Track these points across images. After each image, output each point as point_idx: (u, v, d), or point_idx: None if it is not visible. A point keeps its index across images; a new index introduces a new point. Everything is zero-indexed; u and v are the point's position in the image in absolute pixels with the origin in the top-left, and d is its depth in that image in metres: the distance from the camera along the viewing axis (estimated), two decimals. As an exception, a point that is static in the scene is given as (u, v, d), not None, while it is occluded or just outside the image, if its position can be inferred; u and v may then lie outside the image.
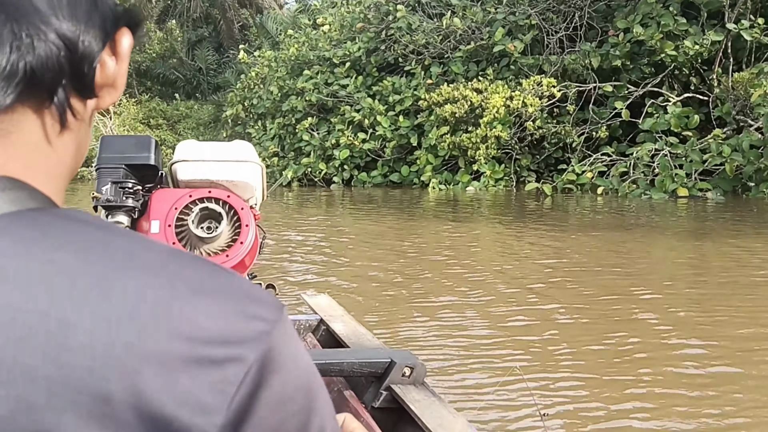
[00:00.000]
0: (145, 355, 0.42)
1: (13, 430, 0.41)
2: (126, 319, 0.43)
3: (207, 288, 0.46)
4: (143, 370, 0.42)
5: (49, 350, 0.41)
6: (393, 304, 5.43)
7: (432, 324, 4.84)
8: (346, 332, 2.90)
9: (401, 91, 15.36)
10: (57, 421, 0.41)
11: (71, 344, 0.42)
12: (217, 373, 0.44)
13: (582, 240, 8.11)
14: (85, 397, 0.41)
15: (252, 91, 18.07)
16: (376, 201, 12.98)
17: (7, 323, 0.42)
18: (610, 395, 3.48)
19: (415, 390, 2.22)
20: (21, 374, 0.41)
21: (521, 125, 13.45)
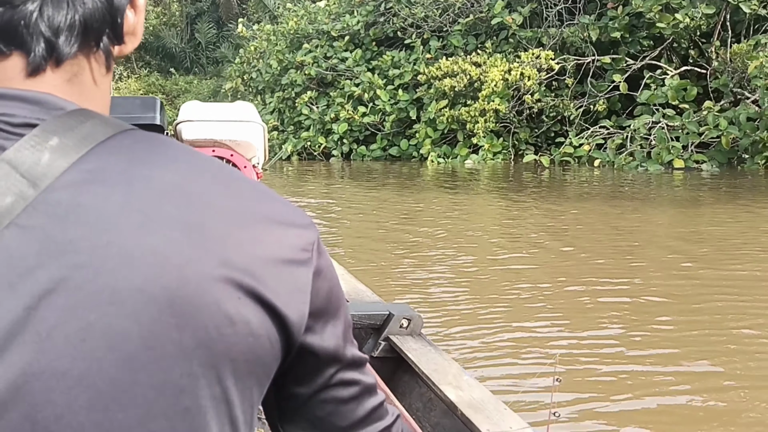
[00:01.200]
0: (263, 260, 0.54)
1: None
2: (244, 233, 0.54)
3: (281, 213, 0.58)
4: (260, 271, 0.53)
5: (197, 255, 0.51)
6: (393, 267, 5.58)
7: (431, 284, 4.99)
8: (346, 289, 3.02)
9: (400, 65, 15.37)
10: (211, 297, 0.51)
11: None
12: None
13: (578, 210, 8.21)
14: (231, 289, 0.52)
15: (251, 66, 18.07)
16: (375, 174, 13.07)
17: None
18: (606, 351, 3.59)
19: (413, 340, 2.35)
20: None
21: (519, 99, 13.47)
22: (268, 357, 0.55)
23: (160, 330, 0.49)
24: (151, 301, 0.49)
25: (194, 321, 0.50)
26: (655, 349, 3.62)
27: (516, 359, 3.46)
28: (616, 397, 3.11)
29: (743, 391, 3.13)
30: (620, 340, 3.75)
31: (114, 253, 0.49)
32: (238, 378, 0.53)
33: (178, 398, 0.50)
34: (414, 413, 2.03)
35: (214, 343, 0.51)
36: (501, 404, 1.86)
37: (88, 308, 0.48)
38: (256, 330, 0.53)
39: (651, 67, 12.97)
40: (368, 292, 2.94)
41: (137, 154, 0.54)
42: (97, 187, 0.51)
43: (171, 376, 0.50)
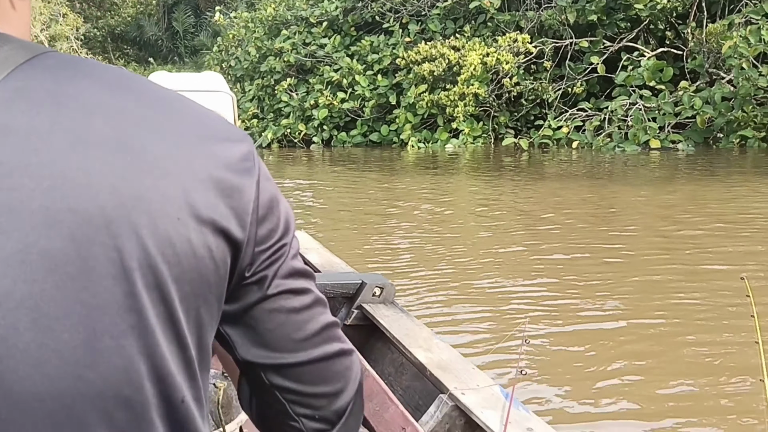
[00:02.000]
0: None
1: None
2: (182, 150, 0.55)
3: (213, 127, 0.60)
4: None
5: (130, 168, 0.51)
6: (372, 244, 5.63)
7: (409, 258, 5.08)
8: (320, 261, 3.04)
9: (379, 50, 15.34)
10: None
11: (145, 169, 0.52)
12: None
13: (556, 190, 8.30)
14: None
15: (229, 53, 17.95)
16: (356, 159, 13.08)
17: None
18: (574, 315, 3.69)
19: (385, 308, 2.38)
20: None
21: (498, 82, 13.52)
22: (213, 276, 0.55)
23: (99, 251, 0.49)
24: (87, 222, 0.49)
25: (133, 241, 0.50)
26: (623, 313, 3.72)
27: (487, 324, 3.58)
28: (582, 356, 3.23)
29: (704, 346, 3.25)
30: (590, 305, 3.88)
31: (47, 173, 0.48)
32: (182, 298, 0.53)
33: (122, 317, 0.50)
34: (386, 378, 2.06)
35: (155, 263, 0.51)
36: (469, 364, 1.90)
37: (25, 230, 0.47)
38: (198, 250, 0.53)
39: (628, 49, 13.07)
40: (342, 264, 2.97)
41: (62, 74, 0.53)
42: (24, 106, 0.50)
43: (114, 296, 0.49)
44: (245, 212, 0.57)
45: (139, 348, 0.51)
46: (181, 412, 0.54)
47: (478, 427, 1.62)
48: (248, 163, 0.58)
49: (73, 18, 22.80)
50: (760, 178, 8.39)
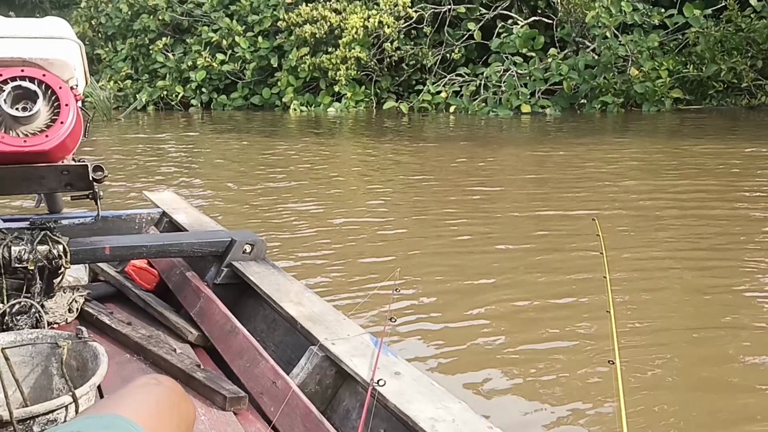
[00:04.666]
0: None
1: None
2: None
3: None
4: None
5: None
6: (249, 207, 5.64)
7: (286, 218, 5.17)
8: (189, 221, 2.97)
9: (260, 11, 15.03)
10: None
11: None
12: None
13: (434, 152, 8.63)
14: None
15: (99, 10, 16.94)
16: (236, 123, 12.88)
17: None
18: (442, 268, 3.94)
19: (256, 265, 2.36)
20: None
21: (380, 47, 13.66)
22: None
23: None
24: None
25: None
26: (488, 267, 3.99)
27: (360, 277, 3.72)
28: (450, 304, 3.43)
29: (561, 286, 3.58)
30: (459, 255, 4.14)
31: None
32: None
33: None
34: (258, 335, 2.08)
35: None
36: (341, 315, 1.95)
37: None
38: None
39: (503, 17, 13.55)
40: (212, 223, 2.93)
41: None
42: None
43: None
44: None
45: None
46: None
47: (348, 375, 1.64)
48: None
49: None
50: (617, 138, 9.15)
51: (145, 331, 2.18)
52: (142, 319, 2.35)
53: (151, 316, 2.36)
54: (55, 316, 2.26)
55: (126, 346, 2.09)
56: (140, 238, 2.72)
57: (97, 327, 2.23)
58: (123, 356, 2.04)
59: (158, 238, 2.60)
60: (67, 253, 2.20)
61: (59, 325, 2.24)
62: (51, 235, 2.22)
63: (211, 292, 2.28)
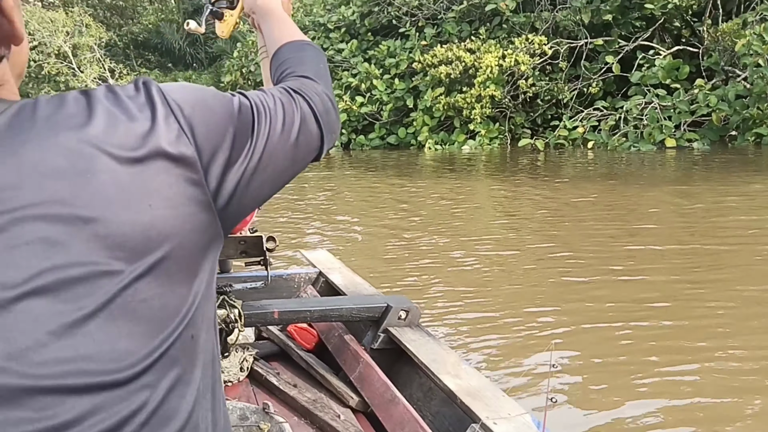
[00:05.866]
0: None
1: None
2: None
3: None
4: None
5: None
6: (391, 258, 5.75)
7: (429, 272, 5.10)
8: (344, 282, 3.11)
9: (396, 54, 15.53)
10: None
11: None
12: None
13: (573, 192, 8.43)
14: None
15: (249, 59, 18.21)
16: (374, 162, 13.28)
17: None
18: (610, 342, 3.66)
19: (411, 331, 2.41)
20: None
21: (514, 84, 13.66)
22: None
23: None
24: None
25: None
26: (651, 335, 3.68)
27: (513, 347, 3.53)
28: (611, 381, 3.19)
29: (741, 362, 3.32)
30: (617, 326, 3.82)
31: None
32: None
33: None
34: (415, 403, 2.12)
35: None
36: (499, 391, 1.92)
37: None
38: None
39: (644, 48, 13.13)
40: (366, 284, 3.05)
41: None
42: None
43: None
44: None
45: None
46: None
47: None
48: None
49: (95, 27, 23.19)
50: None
51: (310, 395, 2.34)
52: (306, 380, 2.51)
53: (314, 378, 2.52)
54: (229, 374, 2.48)
55: (294, 409, 2.25)
56: (304, 303, 2.91)
57: (266, 387, 2.42)
58: (292, 419, 2.20)
59: (320, 303, 2.76)
60: (242, 317, 2.42)
61: (232, 383, 2.45)
62: (228, 299, 2.46)
63: (369, 358, 2.39)
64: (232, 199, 0.74)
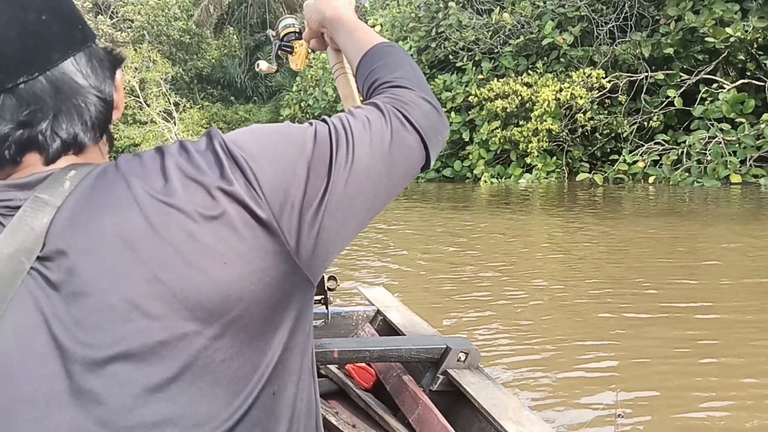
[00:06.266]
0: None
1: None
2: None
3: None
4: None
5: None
6: (446, 294, 5.71)
7: (485, 312, 5.02)
8: (402, 321, 3.11)
9: (452, 87, 15.63)
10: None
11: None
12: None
13: (634, 229, 8.24)
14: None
15: (308, 93, 18.61)
16: (429, 195, 13.30)
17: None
18: (679, 391, 3.49)
19: (471, 374, 2.38)
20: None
21: (572, 117, 13.55)
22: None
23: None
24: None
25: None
26: (723, 383, 3.52)
27: (575, 392, 3.42)
28: (677, 423, 3.07)
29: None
30: (681, 372, 3.67)
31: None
32: None
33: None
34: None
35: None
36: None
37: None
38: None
39: (707, 81, 12.86)
40: (424, 324, 3.04)
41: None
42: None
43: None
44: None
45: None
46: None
47: None
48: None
49: (162, 63, 24.13)
50: None
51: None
52: (364, 420, 2.51)
53: (372, 419, 2.52)
54: (289, 412, 2.51)
55: (352, 449, 2.26)
56: (363, 342, 2.92)
57: (324, 427, 2.43)
58: (351, 459, 2.20)
59: (379, 343, 2.77)
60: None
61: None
62: (288, 339, 2.49)
63: (428, 400, 2.37)
64: (316, 240, 0.72)
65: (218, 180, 0.68)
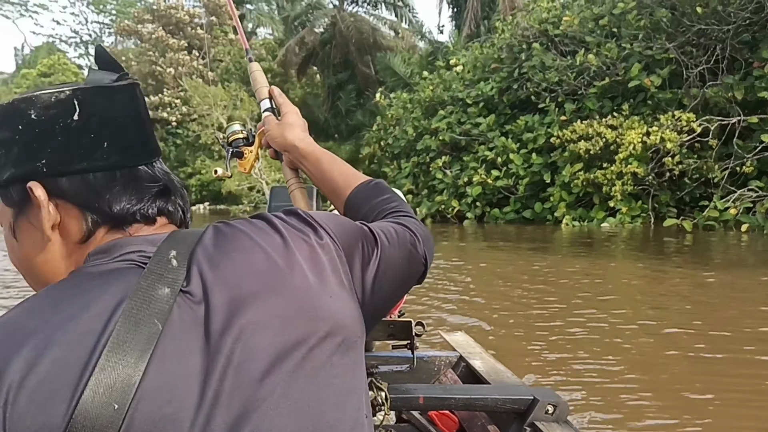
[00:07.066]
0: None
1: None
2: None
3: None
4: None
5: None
6: (529, 341, 5.59)
7: (571, 362, 4.89)
8: (485, 369, 3.06)
9: (534, 128, 15.50)
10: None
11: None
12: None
13: (727, 280, 7.86)
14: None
15: (387, 132, 18.85)
16: (509, 236, 13.13)
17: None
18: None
19: (559, 428, 2.24)
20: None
21: (659, 161, 13.15)
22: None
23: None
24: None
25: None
26: None
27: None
28: None
29: None
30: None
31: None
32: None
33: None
34: None
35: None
36: None
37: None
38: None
39: (805, 126, 12.28)
40: (508, 373, 2.97)
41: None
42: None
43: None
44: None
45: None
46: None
47: None
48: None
49: (248, 101, 25.09)
50: None
51: (454, 487, 2.28)
52: (448, 470, 2.45)
53: (457, 469, 2.46)
54: (371, 457, 2.47)
55: (438, 501, 2.20)
56: (448, 390, 2.87)
57: (408, 474, 2.39)
58: None
59: (464, 391, 2.71)
60: (388, 400, 2.42)
61: (374, 467, 2.43)
62: (375, 381, 2.47)
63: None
64: (371, 295, 0.91)
65: (315, 237, 0.87)
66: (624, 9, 14.58)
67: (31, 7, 48.43)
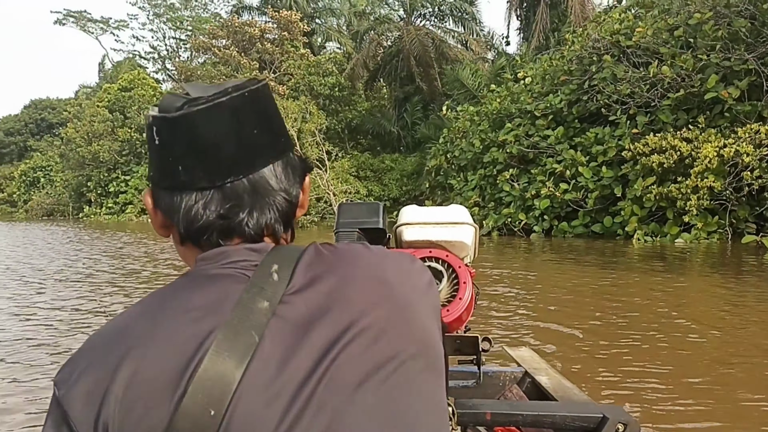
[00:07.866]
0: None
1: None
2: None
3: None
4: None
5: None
6: (596, 357, 5.47)
7: (640, 380, 4.77)
8: (552, 385, 3.02)
9: (604, 141, 15.18)
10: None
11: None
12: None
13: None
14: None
15: (454, 144, 18.83)
16: (577, 251, 12.86)
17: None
18: None
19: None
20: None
21: (737, 175, 12.66)
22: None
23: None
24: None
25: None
26: None
27: None
28: None
29: None
30: None
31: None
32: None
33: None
34: None
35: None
36: None
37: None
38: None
39: None
40: (575, 389, 2.92)
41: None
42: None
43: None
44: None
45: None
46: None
47: None
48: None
49: (317, 115, 25.53)
50: None
51: (520, 505, 2.26)
52: (514, 488, 2.43)
53: (523, 486, 2.44)
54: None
55: None
56: (516, 406, 2.84)
57: (474, 492, 2.38)
58: None
59: (532, 407, 2.68)
60: (455, 415, 2.42)
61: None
62: (442, 396, 2.49)
63: None
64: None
65: (417, 262, 0.93)
66: (700, 19, 14.14)
67: (113, 24, 50.61)
